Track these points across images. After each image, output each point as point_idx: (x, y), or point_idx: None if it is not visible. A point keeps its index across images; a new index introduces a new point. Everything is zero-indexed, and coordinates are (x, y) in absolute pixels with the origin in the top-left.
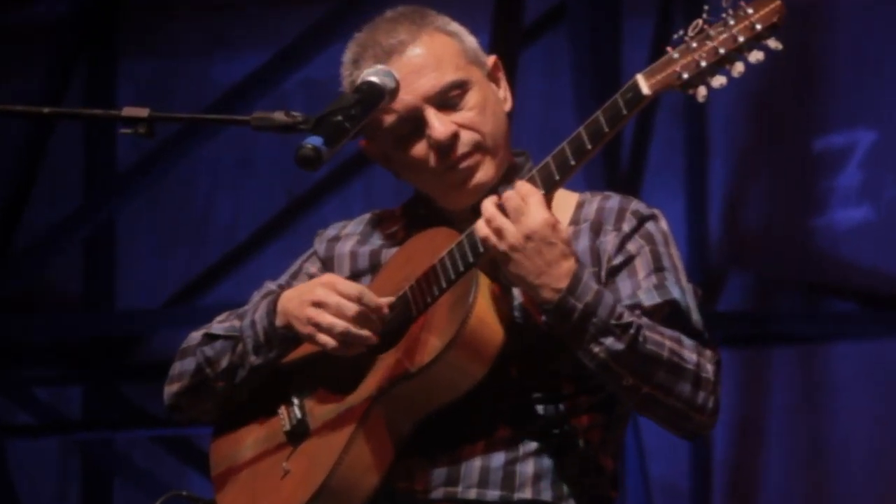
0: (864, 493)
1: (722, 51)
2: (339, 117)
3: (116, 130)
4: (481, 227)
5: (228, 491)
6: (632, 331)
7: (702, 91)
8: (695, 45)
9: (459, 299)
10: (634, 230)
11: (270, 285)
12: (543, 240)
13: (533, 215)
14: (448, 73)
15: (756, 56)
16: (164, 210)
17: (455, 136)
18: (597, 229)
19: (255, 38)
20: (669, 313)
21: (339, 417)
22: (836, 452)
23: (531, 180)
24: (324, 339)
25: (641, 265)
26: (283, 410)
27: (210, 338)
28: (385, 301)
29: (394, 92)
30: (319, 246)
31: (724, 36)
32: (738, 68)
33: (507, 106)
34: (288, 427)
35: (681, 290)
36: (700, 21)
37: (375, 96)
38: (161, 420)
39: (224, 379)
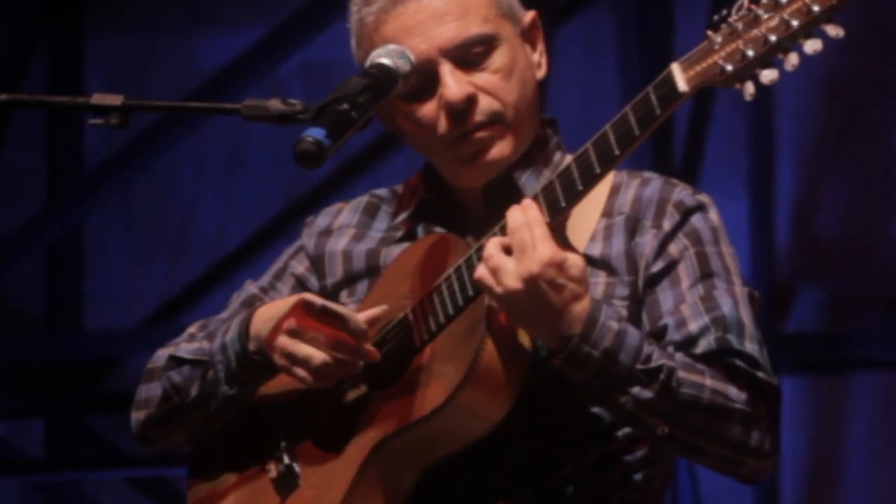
0: None
1: (772, 38)
2: (345, 105)
3: (84, 121)
4: (479, 268)
5: None
6: (662, 376)
7: (749, 88)
8: (740, 27)
9: (470, 329)
10: (677, 227)
11: (251, 287)
12: (549, 283)
13: (535, 254)
14: (473, 24)
15: (813, 46)
16: (140, 214)
17: (471, 101)
18: (633, 226)
19: (245, 14)
20: (717, 336)
21: (334, 468)
22: None
23: (536, 200)
24: (300, 372)
25: (686, 272)
26: (268, 455)
27: (176, 361)
28: (372, 314)
29: (409, 76)
30: (308, 240)
31: (775, 20)
32: (792, 60)
33: (541, 73)
34: (274, 475)
35: (732, 301)
36: (746, 2)
37: (387, 81)
38: (136, 458)
39: (195, 408)
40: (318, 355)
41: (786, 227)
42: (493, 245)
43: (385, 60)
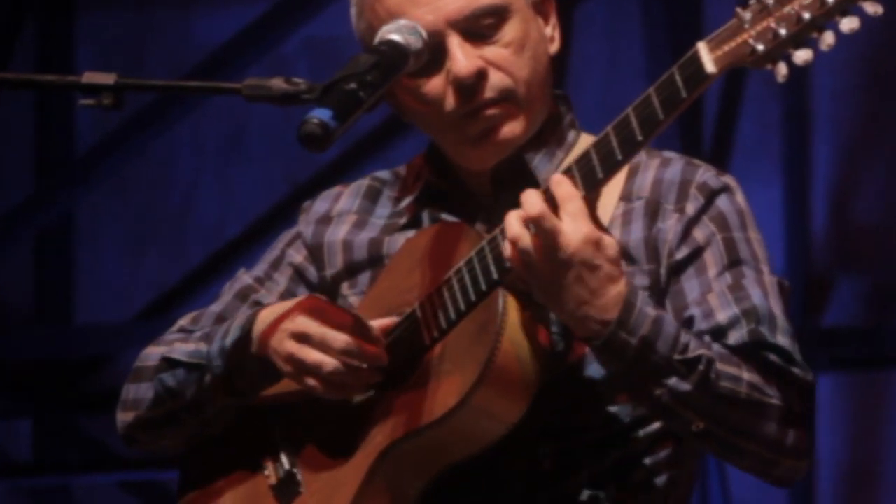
0: None
1: (806, 16)
2: (353, 85)
3: (75, 101)
4: (507, 248)
5: None
6: (701, 366)
7: (782, 69)
8: (772, 3)
9: (484, 326)
10: (702, 211)
11: (246, 278)
12: (584, 263)
13: (570, 233)
14: None
15: (850, 24)
16: (134, 201)
17: (481, 76)
18: (654, 210)
19: None
20: (749, 329)
21: (338, 475)
22: None
23: (570, 174)
24: (310, 381)
25: (712, 259)
26: (266, 458)
27: (170, 363)
28: (385, 324)
29: (420, 53)
30: (306, 228)
31: None
32: (828, 40)
33: (554, 47)
34: (274, 481)
35: (762, 292)
36: None
37: (398, 59)
38: (128, 461)
39: (190, 413)
40: (329, 362)
41: (822, 214)
42: (517, 224)
43: (395, 37)
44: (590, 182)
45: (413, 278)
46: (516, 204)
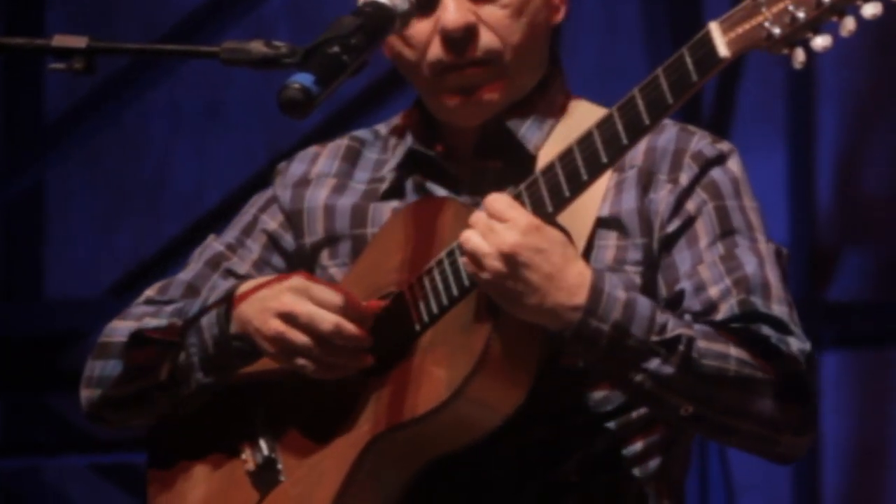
0: None
1: None
2: (336, 48)
3: (44, 66)
4: (462, 258)
5: None
6: (681, 346)
7: (799, 55)
8: None
9: (478, 311)
10: (695, 181)
11: (216, 244)
12: (531, 249)
13: (504, 227)
14: None
15: (872, 9)
16: (107, 171)
17: (470, 32)
18: (646, 180)
19: None
20: (739, 300)
21: (322, 463)
22: None
23: (570, 155)
24: (298, 362)
25: (704, 229)
26: (243, 442)
27: (140, 340)
28: (372, 304)
29: (407, 15)
30: (283, 192)
31: None
32: (849, 25)
33: (558, 17)
34: (252, 467)
35: (757, 259)
36: None
37: (383, 21)
38: (102, 442)
39: (163, 393)
40: (316, 344)
41: (828, 183)
42: (468, 231)
43: None
44: (594, 165)
45: (400, 256)
46: (501, 173)
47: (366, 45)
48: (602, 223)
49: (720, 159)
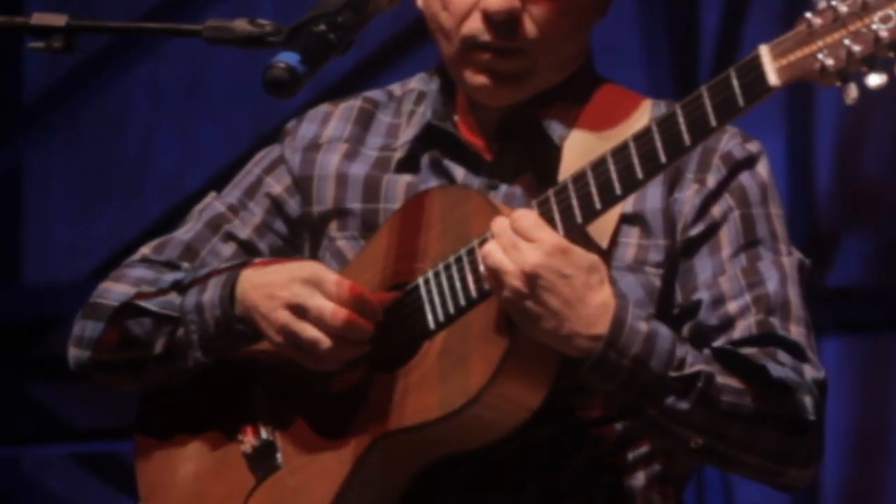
0: None
1: (882, 34)
2: (322, 27)
3: (23, 45)
4: (485, 275)
5: None
6: (700, 384)
7: (852, 91)
8: (845, 12)
9: (498, 320)
10: (723, 185)
11: (217, 204)
12: (555, 272)
13: (530, 247)
14: None
15: None
16: (88, 152)
17: (512, 18)
18: (673, 177)
19: None
20: (758, 320)
21: (325, 456)
22: None
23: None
24: (302, 357)
25: (728, 238)
26: (244, 424)
27: (137, 310)
28: (384, 297)
29: None
30: (292, 155)
31: (888, 11)
32: None
33: (600, 17)
34: (249, 450)
35: (779, 275)
36: None
37: None
38: (83, 431)
39: (158, 365)
40: (325, 339)
41: (828, 167)
42: (491, 244)
43: None
44: (629, 180)
45: (415, 243)
46: (522, 159)
47: (353, 23)
48: (626, 219)
49: (749, 162)
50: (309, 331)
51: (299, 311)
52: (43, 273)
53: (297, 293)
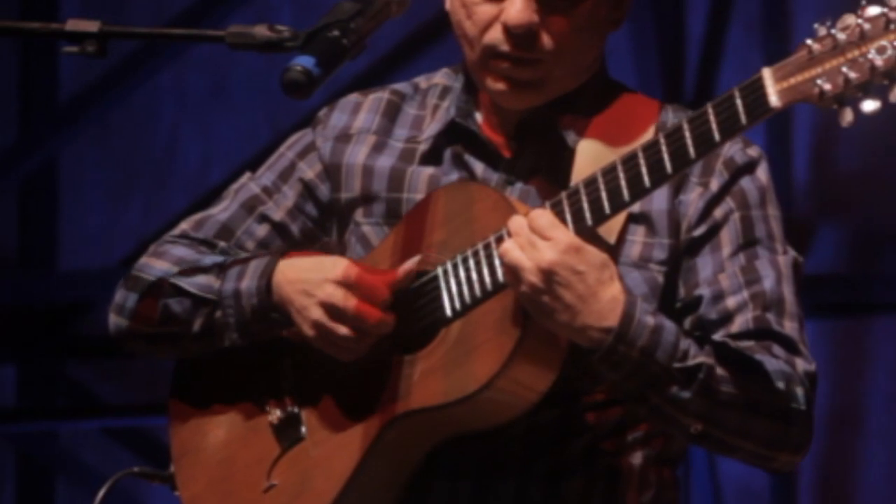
0: None
1: (878, 63)
2: (336, 32)
3: (59, 49)
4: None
5: (193, 482)
6: (701, 375)
7: (847, 115)
8: (843, 41)
9: (513, 312)
10: (725, 188)
11: (252, 186)
12: (569, 269)
13: (546, 245)
14: None
15: None
16: (117, 148)
17: (530, 31)
18: (678, 181)
19: None
20: (755, 315)
21: (346, 433)
22: None
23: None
24: (331, 349)
25: (728, 238)
26: (271, 397)
27: (176, 289)
28: (405, 270)
29: (403, 1)
30: (323, 143)
31: (883, 42)
32: None
33: (614, 29)
34: (275, 421)
35: (775, 273)
36: (852, 19)
37: (380, 6)
38: (114, 407)
39: (195, 342)
40: (356, 338)
41: (804, 160)
42: (509, 242)
43: None
44: (637, 187)
45: (436, 234)
46: (538, 158)
47: (364, 29)
48: (633, 218)
49: (750, 167)
50: (341, 328)
51: (332, 310)
52: (76, 260)
53: (330, 293)
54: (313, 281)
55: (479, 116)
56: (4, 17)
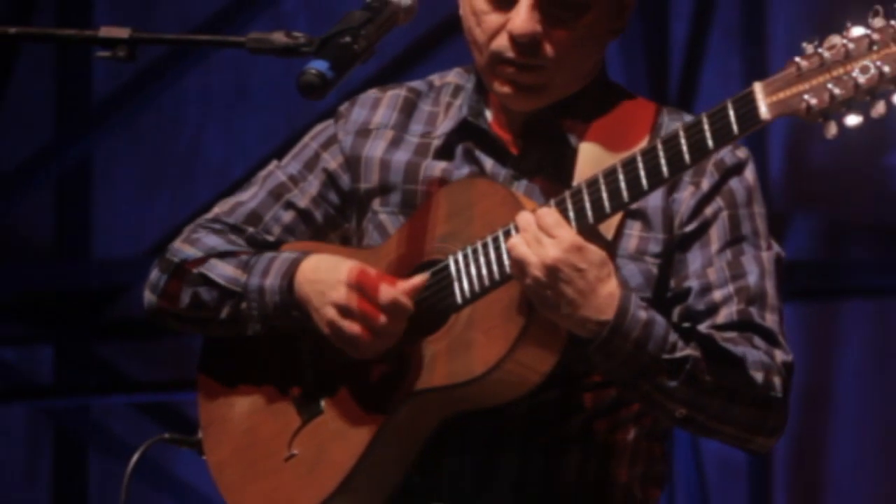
0: None
1: (861, 81)
2: (348, 38)
3: (92, 54)
4: (510, 265)
5: (219, 449)
6: (687, 366)
7: (832, 128)
8: (829, 59)
9: (519, 302)
10: (715, 188)
11: (279, 174)
12: (571, 266)
13: (551, 243)
14: None
15: None
16: (147, 145)
17: (533, 40)
18: (672, 180)
19: None
20: (739, 308)
21: (361, 409)
22: None
23: (594, 184)
24: (346, 348)
25: (717, 234)
26: (294, 375)
27: (206, 280)
28: (416, 283)
29: (410, 10)
30: (344, 137)
31: (867, 61)
32: (879, 109)
33: (614, 38)
34: (297, 395)
35: (759, 268)
36: (838, 39)
37: (388, 15)
38: (142, 384)
39: (222, 327)
40: (366, 337)
41: (779, 158)
42: (516, 238)
43: None
44: (635, 189)
45: (447, 226)
46: (543, 156)
47: (374, 36)
48: (630, 214)
49: (738, 168)
50: (353, 326)
51: (345, 311)
52: (108, 249)
53: (343, 295)
54: (328, 282)
55: (489, 115)
56: (43, 26)
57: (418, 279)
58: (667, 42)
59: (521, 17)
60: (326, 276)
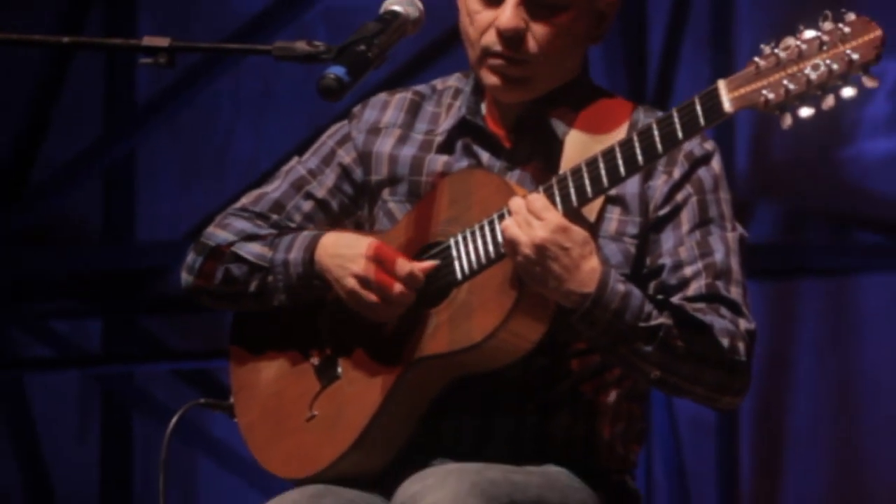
0: (894, 426)
1: (812, 77)
2: (362, 47)
3: (136, 61)
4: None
5: (249, 412)
6: (661, 333)
7: (787, 119)
8: (784, 59)
9: (511, 278)
10: (685, 177)
11: (300, 168)
12: (557, 245)
13: (539, 225)
14: None
15: (848, 92)
16: (185, 142)
17: (518, 34)
18: (647, 169)
19: None
20: (707, 282)
21: (374, 372)
22: (866, 385)
23: (551, 190)
24: (365, 313)
25: (687, 217)
26: (311, 341)
27: (237, 257)
28: (426, 266)
29: (417, 21)
30: (357, 135)
31: (817, 60)
32: (829, 102)
33: (596, 42)
34: (316, 362)
35: (725, 247)
36: (792, 40)
37: (398, 26)
38: (181, 353)
39: (251, 300)
40: (383, 305)
41: (744, 150)
42: (508, 220)
43: (397, 8)
44: (614, 176)
45: (449, 212)
46: (533, 148)
47: (385, 45)
48: (610, 200)
49: (706, 159)
50: (371, 296)
51: (364, 281)
52: (150, 233)
53: (363, 267)
54: (348, 256)
55: (485, 112)
56: (92, 36)
57: (429, 263)
58: (644, 50)
59: (507, 14)
60: (346, 250)
